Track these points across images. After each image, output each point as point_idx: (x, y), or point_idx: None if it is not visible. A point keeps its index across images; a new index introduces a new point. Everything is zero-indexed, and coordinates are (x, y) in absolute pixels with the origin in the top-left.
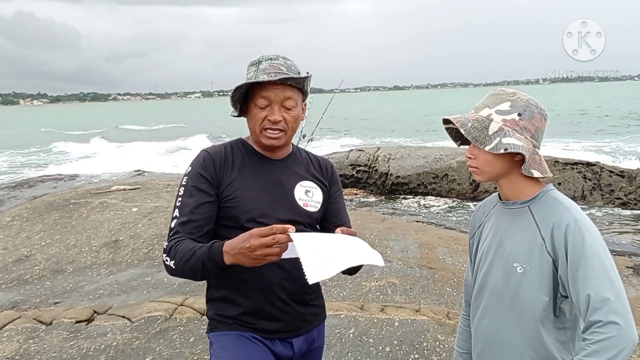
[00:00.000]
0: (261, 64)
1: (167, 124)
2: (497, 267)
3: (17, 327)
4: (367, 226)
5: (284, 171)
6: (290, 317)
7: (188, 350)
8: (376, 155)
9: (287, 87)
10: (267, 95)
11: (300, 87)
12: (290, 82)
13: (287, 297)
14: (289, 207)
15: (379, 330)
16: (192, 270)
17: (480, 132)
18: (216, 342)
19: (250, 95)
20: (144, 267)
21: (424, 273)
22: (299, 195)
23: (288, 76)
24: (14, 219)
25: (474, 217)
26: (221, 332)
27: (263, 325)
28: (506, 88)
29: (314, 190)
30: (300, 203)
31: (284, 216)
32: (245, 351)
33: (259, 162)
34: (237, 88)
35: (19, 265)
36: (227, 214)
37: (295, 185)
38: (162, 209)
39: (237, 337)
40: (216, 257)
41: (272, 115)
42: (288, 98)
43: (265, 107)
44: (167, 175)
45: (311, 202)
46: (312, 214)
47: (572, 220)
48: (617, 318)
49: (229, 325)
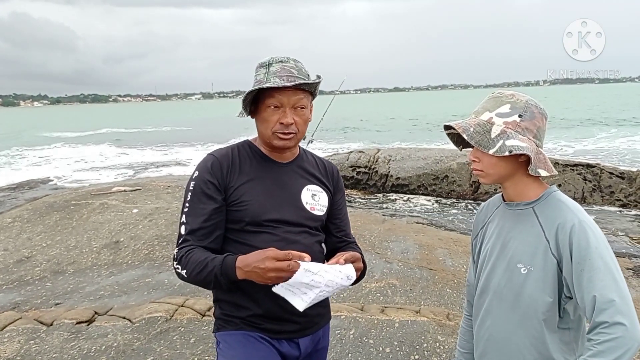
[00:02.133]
0: (272, 67)
1: (174, 125)
2: (501, 268)
3: (18, 327)
4: (367, 227)
5: (291, 174)
6: (297, 319)
7: (189, 351)
8: (376, 156)
9: (299, 91)
10: (279, 98)
11: (311, 90)
12: (303, 87)
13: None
14: (296, 211)
15: (379, 331)
16: (205, 282)
17: (482, 136)
18: (223, 342)
19: (261, 98)
20: (145, 268)
21: (424, 274)
22: (305, 198)
23: (303, 82)
24: (14, 220)
25: (477, 218)
26: (228, 332)
27: (270, 326)
28: (504, 90)
29: (320, 194)
30: (307, 207)
31: (292, 219)
32: (252, 351)
33: (266, 165)
34: (250, 92)
35: (19, 267)
36: (234, 217)
37: (302, 188)
38: (162, 210)
39: (244, 336)
40: (229, 272)
41: (284, 118)
42: (300, 101)
43: (277, 109)
44: (167, 177)
45: (318, 205)
46: (318, 217)
47: (576, 222)
48: (623, 319)
49: (236, 325)
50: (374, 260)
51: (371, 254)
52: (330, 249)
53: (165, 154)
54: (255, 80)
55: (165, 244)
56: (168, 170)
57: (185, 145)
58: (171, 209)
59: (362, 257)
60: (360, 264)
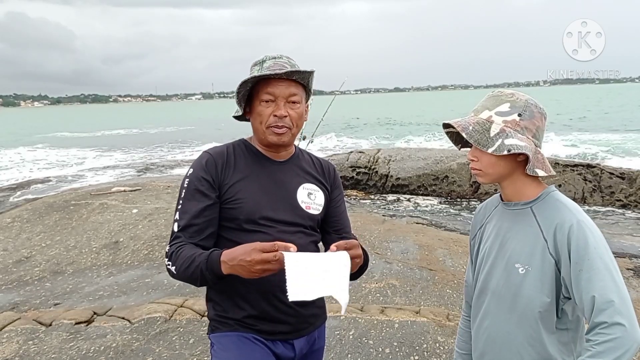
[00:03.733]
0: (265, 63)
1: (182, 125)
2: (499, 268)
3: (17, 328)
4: (367, 228)
5: (287, 173)
6: (292, 319)
7: (188, 352)
8: (376, 157)
9: (293, 83)
10: (272, 91)
11: (304, 83)
12: (296, 76)
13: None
14: (291, 209)
15: (379, 331)
16: (192, 278)
17: (482, 135)
18: (217, 343)
19: (255, 93)
20: (144, 269)
21: (424, 275)
22: (301, 197)
23: (294, 69)
24: (14, 220)
25: (475, 218)
26: (222, 333)
27: (265, 327)
28: (504, 89)
29: (316, 193)
30: (302, 206)
31: (287, 218)
32: (246, 352)
33: (261, 163)
34: (243, 84)
35: (19, 267)
36: (228, 215)
37: (298, 187)
38: (162, 210)
39: (238, 338)
40: (214, 267)
41: (278, 111)
42: (293, 94)
43: (271, 103)
44: (167, 177)
45: (313, 204)
46: (314, 216)
47: (575, 222)
48: (622, 319)
49: (230, 327)
50: (374, 261)
51: (371, 255)
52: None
53: (168, 153)
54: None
55: (165, 244)
56: (169, 171)
57: (187, 145)
58: (171, 209)
59: (361, 246)
60: (358, 250)
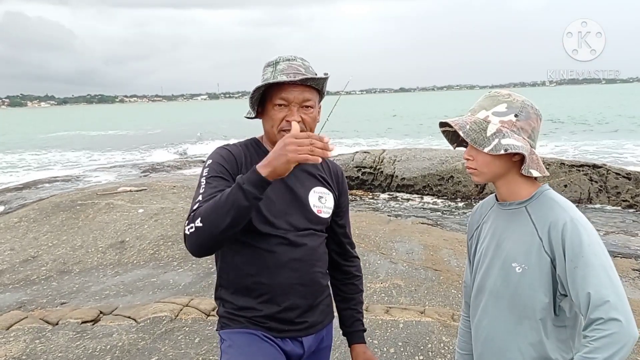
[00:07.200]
0: (279, 65)
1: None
2: (496, 268)
3: (24, 327)
4: (373, 228)
5: (298, 175)
6: (302, 318)
7: (193, 351)
8: (382, 157)
9: (307, 88)
10: (285, 96)
11: (319, 88)
12: (310, 82)
13: (300, 300)
14: (304, 213)
15: (384, 331)
16: (225, 208)
17: (478, 134)
18: (227, 339)
19: (268, 96)
20: (150, 268)
21: (429, 275)
22: (313, 201)
23: (309, 77)
24: (21, 220)
25: (472, 219)
26: (232, 330)
27: (275, 325)
28: (501, 90)
29: (326, 196)
30: (314, 210)
31: (300, 222)
32: (256, 349)
33: None
34: (257, 89)
35: (26, 266)
36: None
37: (309, 191)
38: (168, 210)
39: (248, 335)
40: (251, 176)
41: (291, 116)
42: (307, 99)
43: (284, 107)
44: (173, 177)
45: (324, 208)
46: (325, 220)
47: (568, 220)
48: (618, 315)
49: (241, 324)
50: (378, 261)
51: (376, 255)
52: (330, 247)
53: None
54: (263, 80)
55: (171, 244)
56: (175, 171)
57: (193, 143)
58: (177, 209)
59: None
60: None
